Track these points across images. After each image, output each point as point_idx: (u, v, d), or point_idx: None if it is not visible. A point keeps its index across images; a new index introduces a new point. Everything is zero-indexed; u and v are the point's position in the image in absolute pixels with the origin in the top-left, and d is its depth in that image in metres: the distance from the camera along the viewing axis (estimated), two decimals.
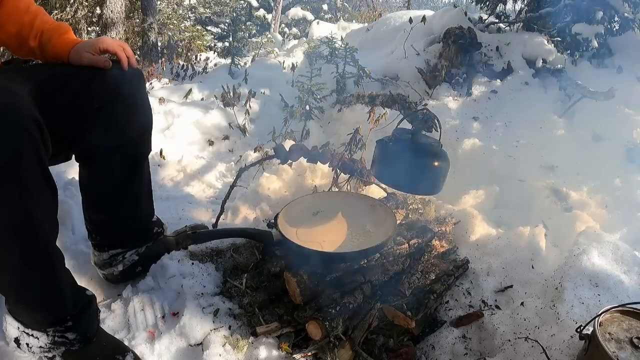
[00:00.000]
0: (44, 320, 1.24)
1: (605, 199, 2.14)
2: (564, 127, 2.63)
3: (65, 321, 1.24)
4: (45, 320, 1.24)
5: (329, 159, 1.98)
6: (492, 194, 2.24)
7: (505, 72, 3.21)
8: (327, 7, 11.51)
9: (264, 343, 1.35)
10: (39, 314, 1.24)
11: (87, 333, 1.28)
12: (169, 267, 1.64)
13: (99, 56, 1.37)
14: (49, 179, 1.14)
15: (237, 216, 2.17)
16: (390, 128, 1.66)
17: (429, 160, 1.51)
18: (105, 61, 1.37)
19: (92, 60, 1.36)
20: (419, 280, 1.55)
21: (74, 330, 1.25)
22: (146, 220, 1.71)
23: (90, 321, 1.31)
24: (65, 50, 1.37)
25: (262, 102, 3.71)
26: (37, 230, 1.12)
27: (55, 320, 1.24)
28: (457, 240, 1.85)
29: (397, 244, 1.67)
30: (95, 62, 1.36)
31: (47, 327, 1.24)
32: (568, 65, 3.19)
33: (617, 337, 1.16)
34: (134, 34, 6.56)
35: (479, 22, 3.86)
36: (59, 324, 1.24)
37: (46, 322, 1.24)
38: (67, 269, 1.28)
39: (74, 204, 1.99)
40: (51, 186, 1.15)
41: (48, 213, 1.16)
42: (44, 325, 1.24)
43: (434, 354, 1.42)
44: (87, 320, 1.29)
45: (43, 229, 1.14)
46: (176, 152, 2.92)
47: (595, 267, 1.46)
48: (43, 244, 1.16)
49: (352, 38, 4.91)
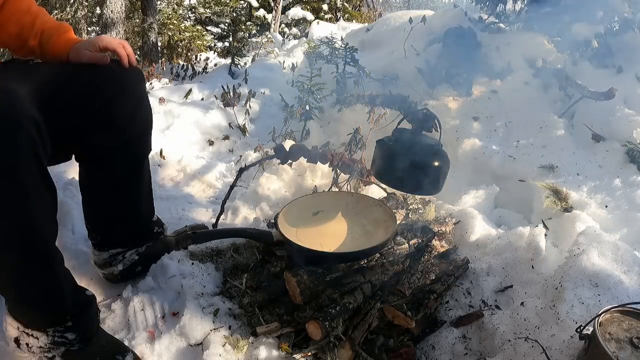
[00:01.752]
0: (44, 320, 1.24)
1: (605, 199, 2.14)
2: (564, 127, 2.63)
3: (64, 321, 1.24)
4: (45, 320, 1.24)
5: (329, 159, 1.98)
6: (492, 194, 2.24)
7: (505, 72, 3.21)
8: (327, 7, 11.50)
9: (264, 343, 1.35)
10: (38, 314, 1.24)
11: (86, 333, 1.28)
12: (169, 267, 1.64)
13: (99, 53, 1.37)
14: (47, 180, 1.13)
15: (237, 216, 2.17)
16: (390, 128, 1.66)
17: (429, 160, 1.51)
18: (104, 57, 1.37)
19: (92, 58, 1.36)
20: (419, 280, 1.55)
21: (74, 331, 1.25)
22: (146, 220, 1.71)
23: (89, 321, 1.31)
24: (65, 49, 1.37)
25: (262, 102, 3.71)
26: (36, 231, 1.12)
27: (54, 320, 1.24)
28: (457, 240, 1.85)
29: (397, 244, 1.67)
30: (95, 59, 1.36)
31: (46, 327, 1.24)
32: (568, 65, 3.18)
33: (617, 337, 1.16)
34: (134, 34, 6.57)
35: (479, 22, 3.86)
36: (59, 324, 1.24)
37: (46, 322, 1.24)
38: (66, 269, 1.28)
39: (74, 204, 1.99)
40: (50, 187, 1.15)
41: (47, 214, 1.16)
42: (44, 325, 1.24)
43: (434, 354, 1.42)
44: (86, 321, 1.29)
45: (42, 230, 1.14)
46: (176, 152, 2.92)
47: (595, 267, 1.46)
48: (42, 245, 1.16)
49: (352, 38, 4.91)
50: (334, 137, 3.05)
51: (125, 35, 5.75)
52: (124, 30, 5.59)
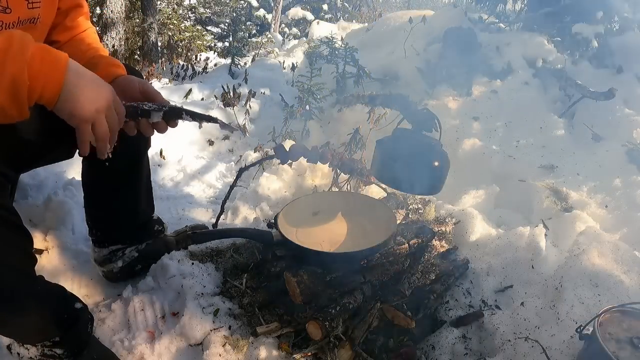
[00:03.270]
0: (31, 336, 1.23)
1: (605, 199, 2.14)
2: (564, 127, 2.63)
3: (52, 336, 1.22)
4: (32, 336, 1.23)
5: (329, 159, 1.98)
6: (492, 194, 2.24)
7: (505, 72, 3.21)
8: (327, 7, 11.50)
9: (264, 343, 1.35)
10: (24, 330, 1.20)
11: (75, 348, 1.27)
12: (169, 267, 1.64)
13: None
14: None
15: (237, 216, 2.17)
16: (390, 128, 1.66)
17: (429, 160, 1.51)
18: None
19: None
20: (419, 280, 1.55)
21: (62, 346, 1.24)
22: (146, 216, 1.71)
23: (77, 337, 1.28)
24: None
25: (262, 102, 3.71)
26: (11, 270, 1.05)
27: (42, 338, 1.23)
28: (457, 240, 1.85)
29: (397, 244, 1.67)
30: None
31: (34, 342, 1.24)
32: (568, 65, 3.19)
33: (617, 337, 1.16)
34: (134, 34, 6.55)
35: (479, 22, 3.86)
36: (47, 339, 1.23)
37: (33, 337, 1.23)
38: (52, 285, 1.24)
39: (74, 204, 1.99)
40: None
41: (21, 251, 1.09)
42: (31, 341, 1.24)
43: (434, 354, 1.42)
44: (75, 336, 1.27)
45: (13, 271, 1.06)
46: (176, 152, 2.92)
47: (595, 267, 1.46)
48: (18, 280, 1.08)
49: (352, 38, 4.91)
50: (334, 137, 3.05)
51: (125, 35, 5.75)
52: (124, 30, 5.59)
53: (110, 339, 1.44)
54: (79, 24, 1.35)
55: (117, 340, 1.42)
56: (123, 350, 1.39)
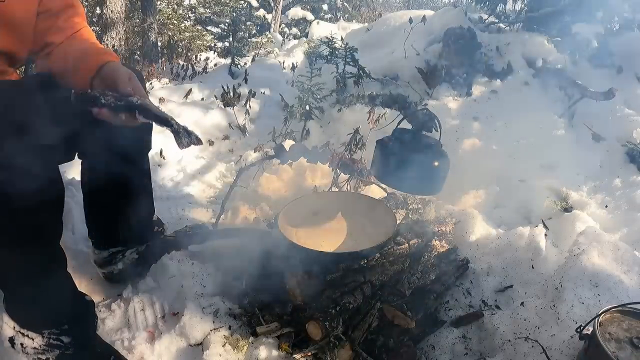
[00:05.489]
0: (41, 321, 1.24)
1: (605, 199, 2.14)
2: (564, 127, 2.63)
3: (61, 324, 1.24)
4: (42, 321, 1.24)
5: (329, 159, 1.98)
6: (492, 194, 2.24)
7: (505, 72, 3.21)
8: (327, 7, 11.49)
9: (264, 343, 1.35)
10: (36, 313, 1.24)
11: (82, 338, 1.28)
12: (169, 267, 1.64)
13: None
14: (57, 180, 1.13)
15: (237, 216, 2.17)
16: (390, 128, 1.66)
17: (429, 160, 1.51)
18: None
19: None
20: (419, 280, 1.55)
21: (70, 334, 1.25)
22: (146, 219, 1.71)
23: (86, 326, 1.30)
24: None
25: (262, 102, 3.71)
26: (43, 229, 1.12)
27: (51, 322, 1.24)
28: (457, 240, 1.85)
29: (397, 244, 1.67)
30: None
31: (42, 329, 1.24)
32: (568, 65, 3.19)
33: (617, 337, 1.16)
34: (134, 34, 6.55)
35: (479, 22, 3.86)
36: (55, 326, 1.24)
37: (42, 322, 1.24)
38: (68, 273, 1.28)
39: (74, 204, 1.99)
40: (58, 188, 1.14)
41: (54, 214, 1.16)
42: (40, 326, 1.24)
43: (434, 354, 1.42)
44: (83, 325, 1.29)
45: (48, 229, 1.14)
46: (176, 152, 2.92)
47: (595, 267, 1.46)
48: (47, 244, 1.15)
49: (352, 38, 4.91)
50: (334, 137, 3.05)
51: (125, 35, 5.74)
52: (124, 30, 5.58)
53: (110, 338, 1.44)
54: (73, 24, 1.33)
55: (117, 340, 1.42)
56: (123, 350, 1.38)
